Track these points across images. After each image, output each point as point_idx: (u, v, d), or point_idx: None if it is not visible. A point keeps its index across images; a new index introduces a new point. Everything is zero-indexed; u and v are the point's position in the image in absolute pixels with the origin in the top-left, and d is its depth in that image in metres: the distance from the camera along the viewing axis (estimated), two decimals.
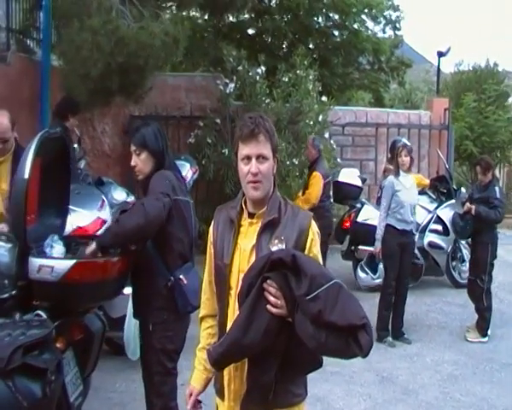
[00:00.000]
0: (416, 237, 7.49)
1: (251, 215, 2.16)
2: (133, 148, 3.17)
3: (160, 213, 2.94)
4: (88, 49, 5.49)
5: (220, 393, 2.20)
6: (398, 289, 5.93)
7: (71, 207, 3.54)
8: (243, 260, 2.11)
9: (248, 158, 2.08)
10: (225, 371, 2.13)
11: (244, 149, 2.09)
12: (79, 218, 3.97)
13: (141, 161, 3.14)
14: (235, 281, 2.11)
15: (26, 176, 2.83)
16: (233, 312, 2.11)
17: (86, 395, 3.29)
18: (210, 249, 2.26)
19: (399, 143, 6.28)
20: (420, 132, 9.88)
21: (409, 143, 8.06)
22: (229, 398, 2.15)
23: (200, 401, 2.32)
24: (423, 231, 7.58)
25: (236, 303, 2.07)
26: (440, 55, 10.54)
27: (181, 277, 3.04)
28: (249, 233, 2.14)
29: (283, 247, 2.06)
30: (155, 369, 3.10)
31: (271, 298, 1.94)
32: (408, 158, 5.90)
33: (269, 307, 1.94)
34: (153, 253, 3.07)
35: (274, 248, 2.05)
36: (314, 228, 2.15)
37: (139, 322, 3.24)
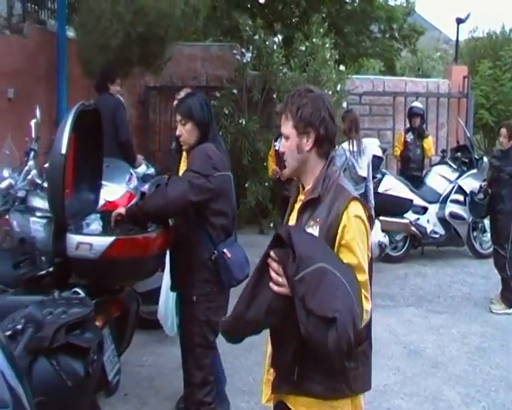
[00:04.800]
0: (437, 207, 7.47)
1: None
2: (179, 117, 3.09)
3: (181, 196, 2.90)
4: (108, 19, 5.39)
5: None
6: None
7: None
8: None
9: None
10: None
11: None
12: (109, 192, 3.89)
13: (186, 132, 3.07)
14: None
15: (64, 151, 2.75)
16: None
17: None
18: None
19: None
20: (438, 101, 9.70)
21: (420, 106, 8.07)
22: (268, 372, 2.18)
23: None
24: (444, 201, 7.50)
25: None
26: (459, 21, 10.27)
27: (225, 250, 3.00)
28: (295, 211, 2.10)
29: (317, 230, 1.95)
30: (197, 341, 3.07)
31: (273, 274, 1.87)
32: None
33: (271, 284, 1.87)
34: (197, 226, 3.02)
35: (309, 230, 1.97)
36: (351, 213, 1.95)
37: (180, 295, 3.19)
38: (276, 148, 5.97)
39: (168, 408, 3.82)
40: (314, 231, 1.95)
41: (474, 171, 7.56)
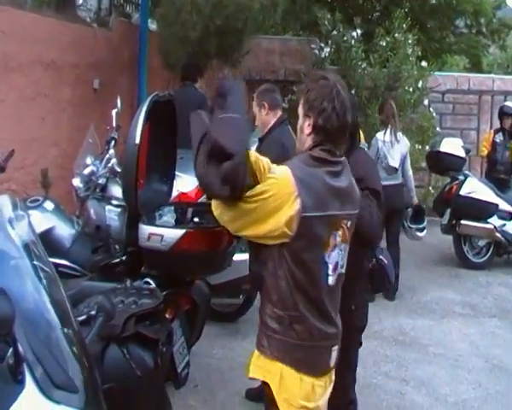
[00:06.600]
0: None
1: None
2: None
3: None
4: (187, 11, 5.45)
5: None
6: None
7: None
8: None
9: None
10: None
11: None
12: (182, 183, 3.89)
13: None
14: None
15: (137, 141, 2.75)
16: None
17: None
18: None
19: None
20: None
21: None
22: None
23: None
24: None
25: None
26: None
27: (381, 257, 2.92)
28: None
29: None
30: (354, 346, 2.93)
31: None
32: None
33: None
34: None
35: None
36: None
37: None
38: None
39: (237, 403, 3.77)
40: None
41: None
